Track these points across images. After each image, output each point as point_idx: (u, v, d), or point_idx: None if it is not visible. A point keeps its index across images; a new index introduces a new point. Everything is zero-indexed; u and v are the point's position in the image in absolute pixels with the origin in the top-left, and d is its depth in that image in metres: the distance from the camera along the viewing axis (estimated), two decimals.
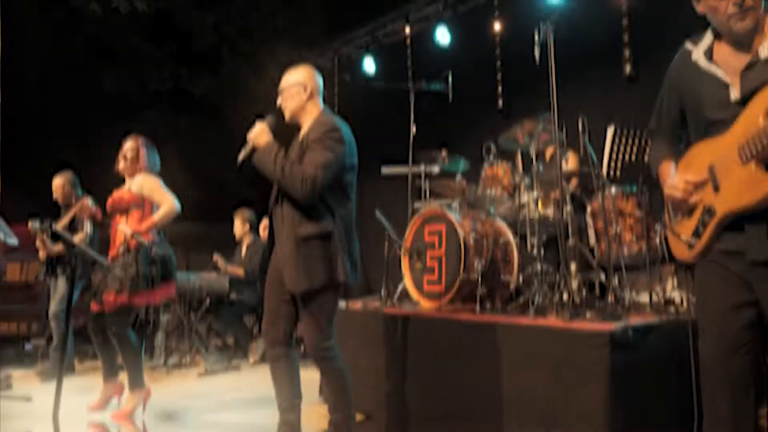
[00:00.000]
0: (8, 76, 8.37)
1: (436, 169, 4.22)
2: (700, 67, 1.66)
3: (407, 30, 6.49)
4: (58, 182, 4.81)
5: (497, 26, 5.48)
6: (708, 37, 1.69)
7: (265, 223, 5.60)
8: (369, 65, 6.87)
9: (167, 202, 3.43)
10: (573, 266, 3.03)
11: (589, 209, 3.40)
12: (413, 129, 4.39)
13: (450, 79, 4.29)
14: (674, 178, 1.69)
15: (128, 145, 3.59)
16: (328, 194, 2.33)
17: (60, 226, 4.47)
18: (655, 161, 1.86)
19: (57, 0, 6.38)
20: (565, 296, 2.77)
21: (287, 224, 2.35)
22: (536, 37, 2.99)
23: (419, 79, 4.58)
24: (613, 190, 3.19)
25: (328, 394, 2.45)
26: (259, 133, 2.37)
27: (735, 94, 1.56)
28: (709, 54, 1.65)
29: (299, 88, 2.45)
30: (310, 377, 4.42)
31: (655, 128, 1.90)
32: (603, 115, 4.04)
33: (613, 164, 3.09)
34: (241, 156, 2.40)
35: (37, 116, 9.39)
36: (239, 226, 5.82)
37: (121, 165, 3.58)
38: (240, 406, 3.35)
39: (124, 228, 3.32)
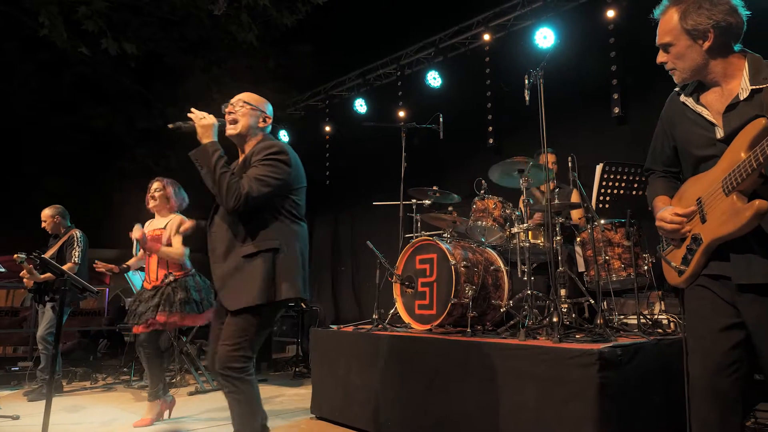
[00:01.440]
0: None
1: (427, 202, 4.35)
2: (689, 108, 1.81)
3: (398, 74, 6.78)
4: (48, 213, 4.94)
5: (488, 69, 5.76)
6: (693, 82, 1.85)
7: None
8: (360, 106, 7.12)
9: (177, 251, 3.69)
10: (563, 292, 3.12)
11: (579, 239, 3.53)
12: (404, 164, 4.54)
13: (441, 118, 4.49)
14: (664, 211, 1.81)
15: (155, 186, 3.84)
16: (273, 217, 2.27)
17: (47, 255, 4.55)
18: (650, 196, 1.99)
19: (45, 43, 6.53)
20: (554, 319, 2.84)
21: (228, 244, 2.26)
22: (527, 82, 3.19)
23: (410, 118, 4.79)
24: (602, 221, 3.33)
25: (232, 420, 2.25)
26: (208, 125, 2.27)
27: (720, 133, 1.70)
28: (696, 97, 1.80)
29: (258, 113, 2.40)
30: (302, 392, 4.48)
31: (651, 166, 2.04)
32: (593, 153, 4.27)
33: (602, 198, 3.24)
34: (176, 124, 2.30)
35: (26, 152, 9.45)
36: None
37: (151, 204, 3.84)
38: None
39: (137, 228, 3.52)
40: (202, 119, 2.27)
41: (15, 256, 4.27)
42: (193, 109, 2.30)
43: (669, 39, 1.75)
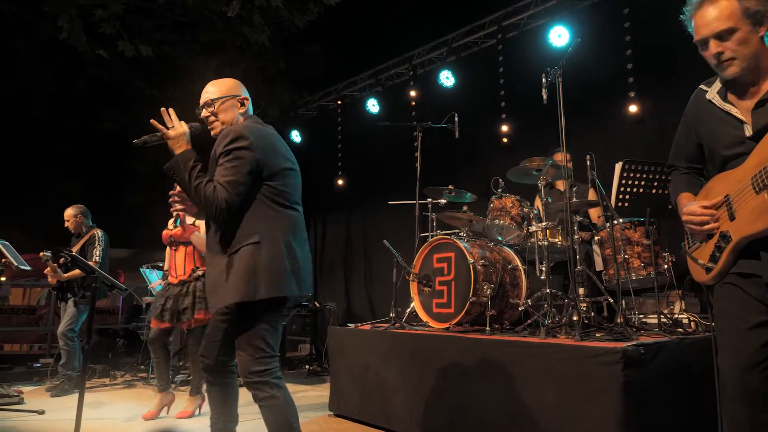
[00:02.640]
0: (15, 115, 8.57)
1: (442, 201, 4.37)
2: (716, 106, 1.79)
3: (411, 74, 6.80)
4: (71, 212, 5.01)
5: (501, 68, 5.76)
6: (720, 79, 1.82)
7: None
8: (372, 106, 7.14)
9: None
10: (581, 291, 3.13)
11: (597, 238, 3.54)
12: (419, 163, 4.55)
13: (456, 118, 4.50)
14: (692, 206, 1.80)
15: (180, 188, 3.86)
16: (253, 209, 2.11)
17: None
18: (673, 193, 1.98)
19: (61, 46, 6.62)
20: (574, 318, 2.85)
21: (217, 247, 2.15)
22: (544, 81, 3.19)
23: (423, 118, 4.80)
24: (621, 220, 3.33)
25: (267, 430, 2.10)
26: (178, 135, 2.13)
27: (748, 130, 1.69)
28: (723, 94, 1.78)
29: (234, 100, 2.26)
30: (318, 390, 4.53)
31: (674, 163, 2.03)
32: (609, 152, 4.27)
33: (621, 196, 3.24)
34: (141, 139, 2.18)
35: (42, 153, 9.57)
36: None
37: (179, 207, 3.83)
38: (243, 419, 3.39)
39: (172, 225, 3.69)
40: (171, 128, 2.13)
41: (41, 254, 4.37)
42: (153, 121, 2.14)
43: (731, 24, 1.65)
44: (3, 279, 4.99)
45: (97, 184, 9.55)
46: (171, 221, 3.98)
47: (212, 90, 2.26)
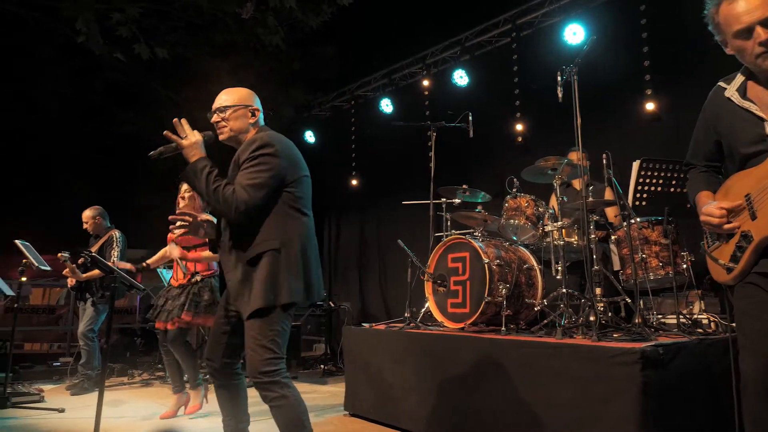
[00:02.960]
0: (32, 118, 8.72)
1: (456, 200, 4.36)
2: (735, 103, 1.75)
3: (424, 74, 6.79)
4: (89, 214, 5.08)
5: (515, 67, 5.72)
6: (740, 76, 1.79)
7: None
8: (386, 106, 7.14)
9: (214, 255, 3.76)
10: (598, 290, 3.10)
11: (614, 237, 3.50)
12: (433, 163, 4.55)
13: (470, 117, 4.49)
14: (710, 206, 1.76)
15: (185, 187, 3.93)
16: (273, 214, 2.17)
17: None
18: (692, 191, 1.94)
19: (79, 50, 6.73)
20: (591, 318, 2.82)
21: (235, 252, 2.19)
22: (559, 79, 3.16)
23: (437, 118, 4.80)
24: (639, 219, 3.29)
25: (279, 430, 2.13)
26: (192, 143, 2.18)
27: None
28: (743, 91, 1.74)
29: (246, 110, 2.31)
30: (332, 389, 4.55)
31: (691, 161, 1.99)
32: (625, 151, 4.22)
33: (639, 195, 3.20)
34: (157, 151, 2.22)
35: (58, 156, 9.73)
36: None
37: (181, 205, 3.95)
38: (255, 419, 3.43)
39: (172, 250, 3.69)
40: (185, 138, 2.18)
41: (59, 255, 4.44)
42: (167, 132, 2.17)
43: None
44: (24, 279, 5.08)
45: (114, 185, 9.69)
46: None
47: (225, 98, 2.33)
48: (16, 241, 4.44)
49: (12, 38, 7.41)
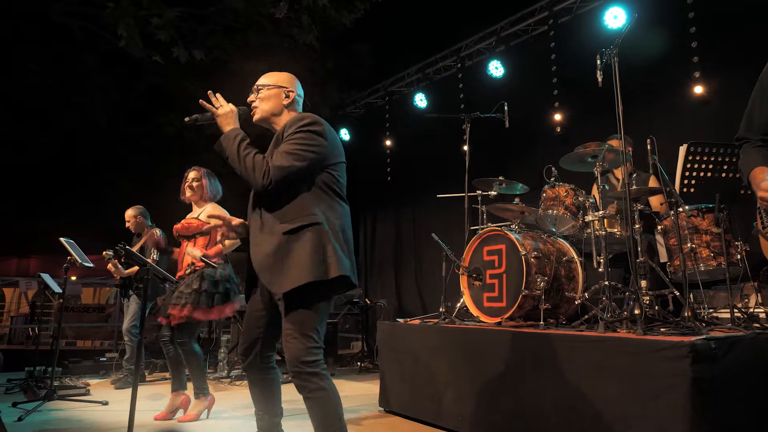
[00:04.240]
0: (80, 123, 9.06)
1: (492, 193, 4.24)
2: None
3: (459, 66, 6.67)
4: (131, 213, 5.21)
5: (553, 55, 5.55)
6: None
7: None
8: (420, 101, 7.06)
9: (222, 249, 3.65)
10: (643, 283, 2.93)
11: (660, 227, 3.31)
12: (468, 155, 4.44)
13: (506, 107, 4.36)
14: None
15: (192, 176, 3.87)
16: (311, 192, 2.08)
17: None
18: (746, 167, 1.80)
19: (121, 56, 6.95)
20: (636, 311, 2.67)
21: (267, 226, 2.08)
22: (599, 62, 3.01)
23: (473, 109, 4.68)
24: (687, 207, 3.10)
25: (312, 423, 2.01)
26: (227, 113, 2.16)
27: None
28: None
29: (280, 91, 2.25)
30: (369, 386, 4.51)
31: (745, 135, 1.85)
32: (671, 136, 4.00)
33: (686, 182, 3.01)
34: (192, 117, 2.20)
35: (106, 159, 10.11)
36: None
37: (188, 194, 3.86)
38: (296, 415, 3.39)
39: (192, 251, 3.57)
40: (220, 107, 2.16)
41: (104, 253, 4.57)
42: (201, 101, 2.16)
43: None
44: (74, 278, 5.22)
45: (156, 185, 10.00)
46: (190, 214, 3.87)
47: (265, 79, 2.30)
48: (61, 238, 4.59)
49: (61, 47, 7.74)
